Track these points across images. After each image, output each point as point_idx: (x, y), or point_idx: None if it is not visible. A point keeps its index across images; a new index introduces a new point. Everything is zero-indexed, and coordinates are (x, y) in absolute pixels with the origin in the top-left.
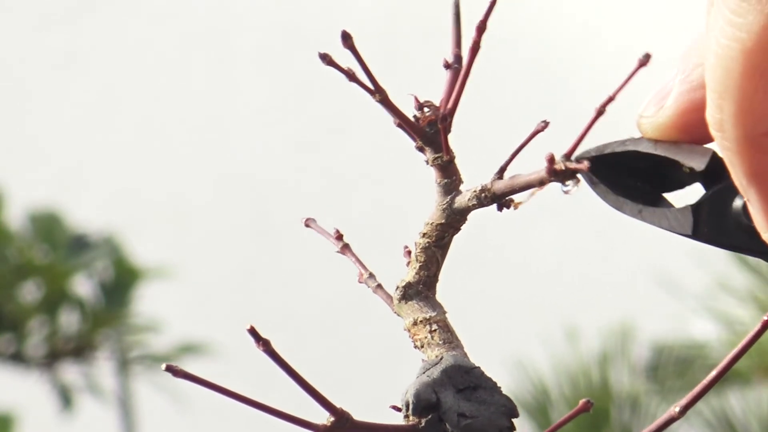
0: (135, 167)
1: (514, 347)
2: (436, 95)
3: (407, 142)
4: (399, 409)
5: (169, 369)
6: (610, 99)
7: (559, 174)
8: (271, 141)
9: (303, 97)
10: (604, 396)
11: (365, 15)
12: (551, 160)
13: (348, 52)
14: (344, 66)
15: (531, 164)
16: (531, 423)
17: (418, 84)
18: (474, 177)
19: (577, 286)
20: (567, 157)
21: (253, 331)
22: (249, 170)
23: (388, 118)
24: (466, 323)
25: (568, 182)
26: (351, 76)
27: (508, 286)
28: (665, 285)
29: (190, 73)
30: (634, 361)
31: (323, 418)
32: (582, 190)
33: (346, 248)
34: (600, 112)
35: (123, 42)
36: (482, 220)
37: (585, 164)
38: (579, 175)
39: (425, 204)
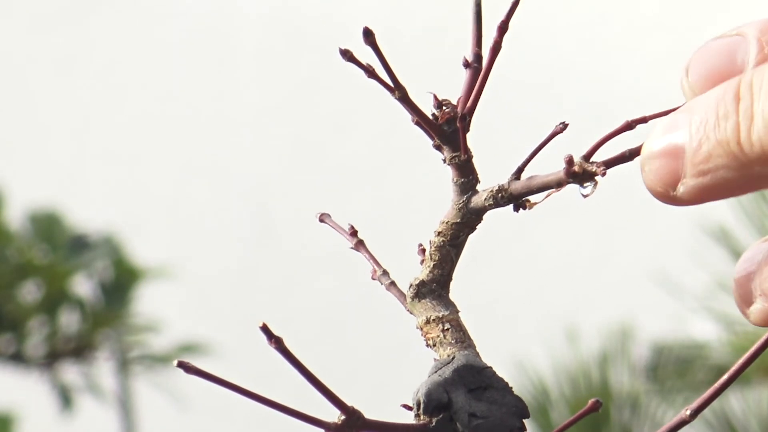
0: (135, 167)
1: (514, 347)
2: (434, 95)
3: (407, 142)
4: (410, 408)
5: (181, 365)
6: (644, 120)
7: (576, 176)
8: (271, 140)
9: (303, 96)
10: (604, 396)
11: (366, 15)
12: (569, 161)
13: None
14: (365, 62)
15: (547, 166)
16: (531, 423)
17: (416, 83)
18: (490, 177)
19: (577, 286)
20: (586, 158)
21: (265, 329)
22: (249, 169)
23: (389, 118)
24: (465, 323)
25: (586, 184)
26: (371, 73)
27: (507, 285)
28: (665, 285)
29: (191, 73)
30: (634, 361)
31: (330, 416)
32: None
33: (360, 244)
34: (629, 126)
35: (123, 42)
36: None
37: (604, 168)
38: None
39: (425, 204)
